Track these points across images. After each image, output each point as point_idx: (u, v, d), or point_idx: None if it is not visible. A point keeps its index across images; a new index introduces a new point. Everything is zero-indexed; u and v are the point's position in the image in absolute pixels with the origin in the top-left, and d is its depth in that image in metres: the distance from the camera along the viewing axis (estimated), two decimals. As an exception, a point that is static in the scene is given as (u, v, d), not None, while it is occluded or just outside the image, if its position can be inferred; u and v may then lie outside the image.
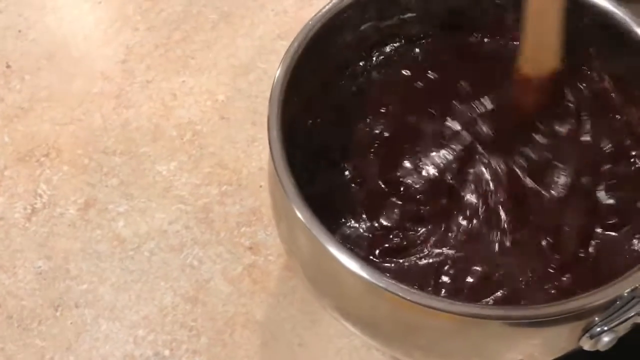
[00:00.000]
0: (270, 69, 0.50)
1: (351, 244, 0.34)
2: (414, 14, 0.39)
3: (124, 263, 0.42)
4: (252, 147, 0.46)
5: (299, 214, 0.30)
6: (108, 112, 0.48)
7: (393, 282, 0.29)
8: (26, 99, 0.49)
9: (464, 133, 0.37)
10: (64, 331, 0.40)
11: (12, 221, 0.44)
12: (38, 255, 0.43)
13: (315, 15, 0.35)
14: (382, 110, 0.38)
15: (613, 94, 0.36)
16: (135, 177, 0.46)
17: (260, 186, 0.45)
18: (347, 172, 0.37)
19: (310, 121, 0.38)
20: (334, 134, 0.38)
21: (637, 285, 0.28)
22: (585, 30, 0.35)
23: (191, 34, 0.52)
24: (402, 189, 0.36)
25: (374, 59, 0.40)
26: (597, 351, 0.30)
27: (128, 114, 0.48)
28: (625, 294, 0.29)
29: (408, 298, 0.28)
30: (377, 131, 0.38)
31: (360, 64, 0.39)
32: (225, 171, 0.46)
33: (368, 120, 0.38)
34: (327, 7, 0.36)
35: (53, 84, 0.50)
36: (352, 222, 0.35)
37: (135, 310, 0.41)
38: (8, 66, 0.51)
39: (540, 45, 0.35)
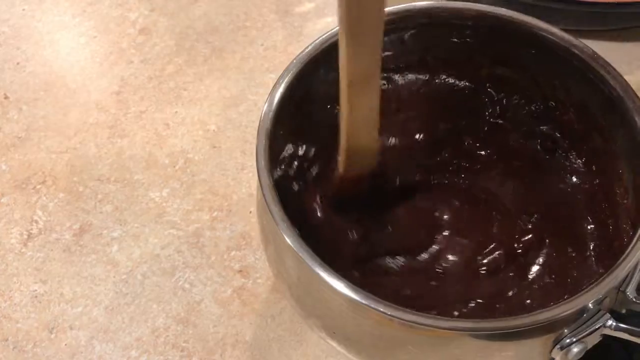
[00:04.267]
0: (260, 100, 0.52)
1: (335, 267, 0.36)
2: (391, 52, 0.41)
3: (117, 286, 0.44)
4: (241, 175, 0.48)
5: (286, 238, 0.32)
6: (103, 142, 0.50)
7: (374, 298, 0.30)
8: (23, 129, 0.51)
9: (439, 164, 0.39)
10: (59, 353, 0.42)
11: (9, 246, 0.46)
12: (34, 279, 0.44)
13: (301, 52, 0.38)
14: None
15: (576, 125, 0.39)
16: (129, 203, 0.47)
17: (250, 212, 0.47)
18: (329, 198, 0.39)
19: (296, 151, 0.40)
20: (317, 164, 0.40)
21: (600, 296, 0.30)
22: (549, 65, 0.38)
23: (184, 67, 0.54)
24: (380, 216, 0.38)
25: None
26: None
27: (122, 143, 0.50)
28: (591, 306, 0.30)
29: (388, 313, 0.30)
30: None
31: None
32: (216, 197, 0.47)
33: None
34: (312, 45, 0.38)
35: (50, 114, 0.52)
36: (335, 244, 0.37)
37: (128, 332, 0.42)
38: (6, 97, 0.53)
39: (360, 152, 0.35)
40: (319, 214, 0.38)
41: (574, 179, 0.38)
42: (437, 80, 0.41)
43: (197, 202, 0.47)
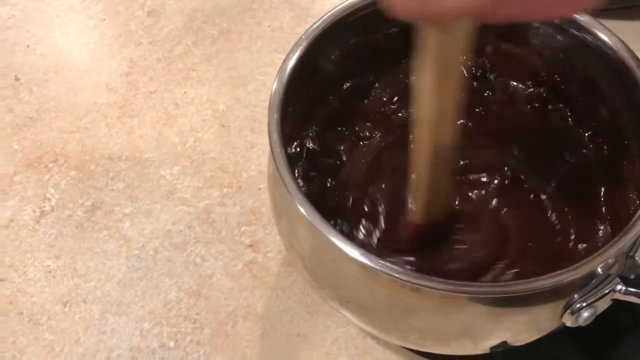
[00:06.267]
0: (268, 80, 0.52)
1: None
2: (398, 29, 0.41)
3: (130, 261, 0.45)
4: (251, 152, 0.49)
5: (300, 208, 0.32)
6: (113, 121, 0.51)
7: (387, 264, 0.31)
8: (34, 109, 0.52)
9: None
10: (73, 325, 0.42)
11: (22, 223, 0.46)
12: (47, 255, 0.45)
13: (307, 30, 0.38)
14: (371, 118, 0.41)
15: (582, 98, 0.39)
16: (140, 181, 0.48)
17: (259, 188, 0.47)
18: (338, 176, 0.39)
19: (305, 128, 0.40)
20: (325, 141, 0.40)
21: (609, 262, 0.31)
22: (554, 38, 0.38)
23: (192, 48, 0.55)
24: (388, 192, 0.38)
25: (362, 71, 0.42)
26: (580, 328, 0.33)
27: (132, 122, 0.51)
28: (600, 272, 0.31)
29: (402, 278, 0.31)
30: (365, 138, 0.40)
31: (349, 75, 0.42)
32: (226, 175, 0.48)
33: (357, 127, 0.41)
34: (320, 21, 0.38)
35: (60, 95, 0.52)
36: (344, 221, 0.38)
37: (141, 305, 0.43)
38: (17, 79, 0.53)
39: (434, 202, 0.35)
40: (326, 191, 0.39)
41: (582, 152, 0.39)
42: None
43: (207, 180, 0.48)
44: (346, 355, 0.41)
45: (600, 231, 0.36)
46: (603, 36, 0.37)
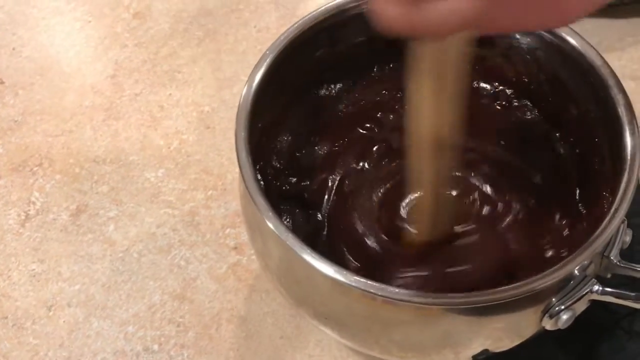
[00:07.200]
0: (253, 81, 0.52)
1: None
2: (364, 38, 0.40)
3: (114, 264, 0.45)
4: (235, 155, 0.49)
5: (272, 228, 0.31)
6: (98, 124, 0.51)
7: (360, 278, 0.30)
8: (20, 113, 0.52)
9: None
10: (57, 329, 0.42)
11: (7, 227, 0.46)
12: (32, 258, 0.45)
13: (273, 43, 0.37)
14: (339, 127, 0.41)
15: (551, 97, 0.39)
16: (125, 184, 0.48)
17: (244, 190, 0.47)
18: (309, 187, 0.39)
19: (274, 141, 0.40)
20: (295, 153, 0.40)
21: (586, 263, 0.31)
22: (519, 40, 0.38)
23: (177, 49, 0.55)
24: (358, 200, 0.38)
25: (330, 81, 0.42)
26: (560, 330, 0.33)
27: (117, 125, 0.51)
28: (577, 273, 0.31)
29: (377, 293, 0.30)
30: (334, 148, 0.40)
31: (317, 86, 0.41)
32: (210, 177, 0.48)
33: (325, 138, 0.41)
34: (284, 35, 0.37)
35: (46, 98, 0.52)
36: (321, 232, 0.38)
37: (125, 309, 0.43)
38: (2, 82, 0.53)
39: (435, 225, 0.35)
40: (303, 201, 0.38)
41: (552, 150, 0.39)
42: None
43: (191, 182, 0.48)
44: (329, 357, 0.41)
45: (575, 232, 0.36)
46: (569, 37, 0.36)
